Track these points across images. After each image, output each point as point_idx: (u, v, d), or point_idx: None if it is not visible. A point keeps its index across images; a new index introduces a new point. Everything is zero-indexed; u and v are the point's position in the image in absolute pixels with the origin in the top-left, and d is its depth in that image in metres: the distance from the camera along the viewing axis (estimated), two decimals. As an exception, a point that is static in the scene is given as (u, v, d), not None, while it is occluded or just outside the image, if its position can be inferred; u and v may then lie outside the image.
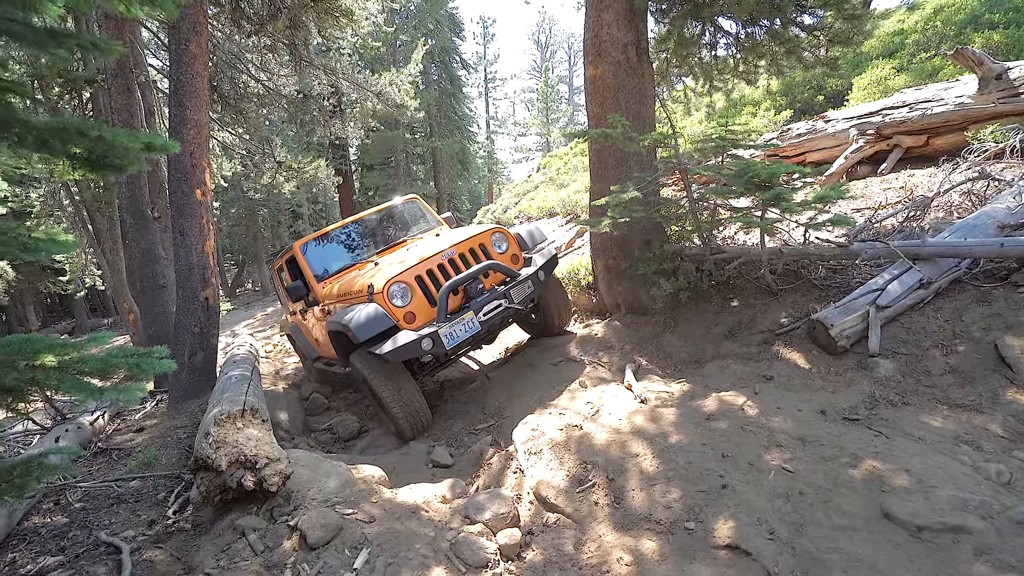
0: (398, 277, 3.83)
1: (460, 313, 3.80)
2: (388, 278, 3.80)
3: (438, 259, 4.03)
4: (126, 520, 2.98)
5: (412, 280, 3.89)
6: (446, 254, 4.07)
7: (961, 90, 5.98)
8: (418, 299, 3.88)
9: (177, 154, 4.87)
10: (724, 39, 5.70)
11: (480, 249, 4.27)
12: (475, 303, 3.90)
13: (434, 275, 3.98)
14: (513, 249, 4.47)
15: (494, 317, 3.93)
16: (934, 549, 2.00)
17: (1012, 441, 2.60)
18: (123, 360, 2.07)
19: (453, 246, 4.14)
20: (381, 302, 3.73)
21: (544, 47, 43.36)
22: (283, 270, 5.61)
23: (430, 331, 3.62)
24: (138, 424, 4.66)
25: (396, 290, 3.81)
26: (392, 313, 3.71)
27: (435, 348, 3.61)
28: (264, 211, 20.78)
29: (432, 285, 3.94)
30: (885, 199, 5.45)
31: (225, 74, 8.21)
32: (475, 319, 3.81)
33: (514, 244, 4.50)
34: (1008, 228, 3.63)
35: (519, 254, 4.51)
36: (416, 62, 11.82)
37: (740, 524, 2.32)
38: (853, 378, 3.31)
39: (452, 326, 3.69)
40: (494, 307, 3.92)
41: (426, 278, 3.95)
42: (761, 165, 3.70)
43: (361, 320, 3.61)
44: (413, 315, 3.81)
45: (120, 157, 1.83)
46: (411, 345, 3.55)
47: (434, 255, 4.04)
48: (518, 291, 4.03)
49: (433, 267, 3.99)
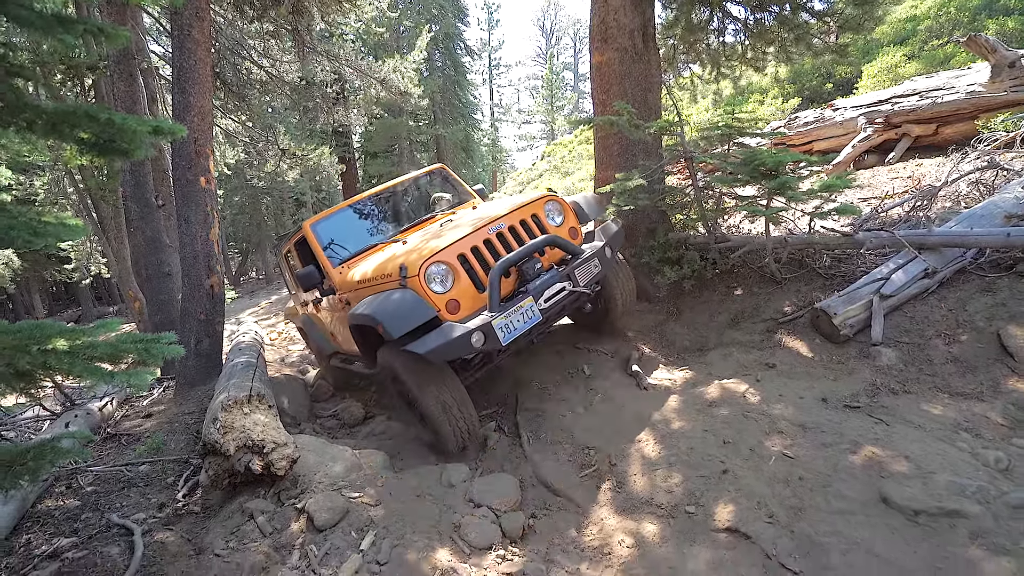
0: (437, 256, 3.11)
1: (515, 299, 3.11)
2: (425, 257, 3.08)
3: (483, 233, 3.28)
4: (137, 503, 3.04)
5: (454, 259, 3.16)
6: (493, 227, 3.33)
7: (973, 78, 5.90)
8: (462, 283, 3.16)
9: (181, 142, 4.87)
10: (732, 25, 5.64)
11: (533, 221, 3.51)
12: (533, 287, 3.17)
13: (480, 253, 3.24)
14: (570, 221, 3.70)
15: (556, 304, 3.21)
16: (930, 533, 2.03)
17: (1011, 429, 2.62)
18: (132, 346, 2.11)
19: (500, 217, 3.39)
20: (417, 287, 3.02)
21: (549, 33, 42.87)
22: (291, 255, 4.94)
23: (481, 323, 2.92)
24: (146, 410, 4.72)
25: (435, 272, 3.09)
26: (431, 301, 3.00)
27: (488, 344, 2.91)
28: (268, 199, 20.78)
29: (479, 265, 3.21)
30: (892, 188, 5.41)
31: (228, 61, 8.17)
32: (535, 306, 3.09)
33: (571, 215, 3.72)
34: (1015, 218, 3.60)
35: (577, 227, 3.74)
36: (420, 48, 11.72)
37: (740, 508, 2.36)
38: (855, 366, 3.32)
39: (508, 316, 2.98)
40: (556, 291, 3.20)
41: (471, 257, 3.20)
42: (767, 153, 3.69)
43: (393, 311, 2.93)
44: (457, 303, 3.10)
45: (128, 142, 1.85)
46: (458, 341, 2.82)
47: (478, 229, 3.29)
48: (583, 271, 3.31)
49: (478, 243, 3.24)
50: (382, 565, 2.31)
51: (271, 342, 8.70)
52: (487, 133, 27.28)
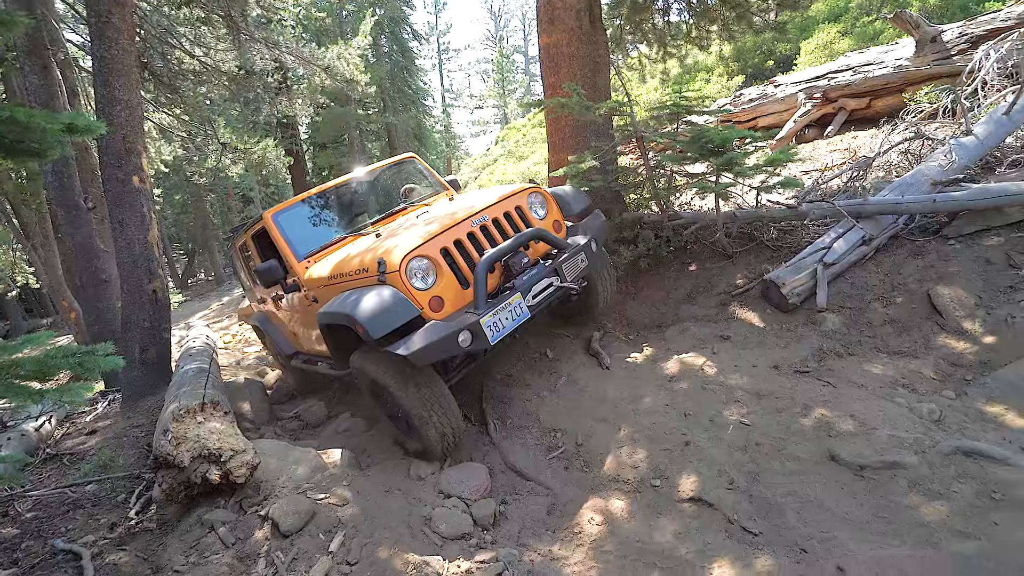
0: (419, 250, 2.94)
1: (501, 296, 2.97)
2: (406, 251, 2.90)
3: (467, 226, 3.14)
4: (84, 525, 2.86)
5: (437, 254, 2.99)
6: (476, 219, 3.18)
7: (900, 53, 6.21)
8: (446, 278, 2.99)
9: (109, 138, 4.53)
10: (677, 4, 5.72)
11: (516, 213, 3.39)
12: (521, 282, 3.05)
13: (463, 247, 3.09)
14: (554, 214, 3.61)
15: (543, 300, 3.10)
16: (875, 485, 2.17)
17: (942, 382, 2.82)
18: (64, 360, 1.96)
19: (484, 209, 3.25)
20: (397, 283, 2.84)
21: (497, 16, 42.24)
22: (247, 248, 4.62)
23: (469, 321, 2.76)
24: (90, 426, 4.45)
25: (417, 267, 2.92)
26: (413, 298, 2.83)
27: (476, 344, 2.75)
28: (212, 196, 19.76)
29: (463, 260, 3.07)
30: (831, 160, 5.66)
31: (156, 50, 7.62)
32: (523, 303, 2.97)
33: (554, 207, 3.63)
34: (940, 185, 3.84)
35: (561, 220, 3.65)
36: (365, 34, 11.31)
37: (702, 477, 2.44)
38: (803, 333, 3.48)
39: (496, 314, 2.83)
40: (544, 287, 3.09)
41: (454, 251, 3.05)
42: (714, 131, 3.77)
43: (374, 309, 2.72)
44: (440, 300, 2.94)
45: (38, 141, 1.69)
46: (445, 342, 2.66)
47: (460, 221, 3.14)
48: (570, 266, 3.21)
49: (461, 236, 3.09)
50: (352, 565, 2.27)
51: (225, 346, 8.35)
52: (439, 120, 26.76)
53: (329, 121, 17.13)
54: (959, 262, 3.40)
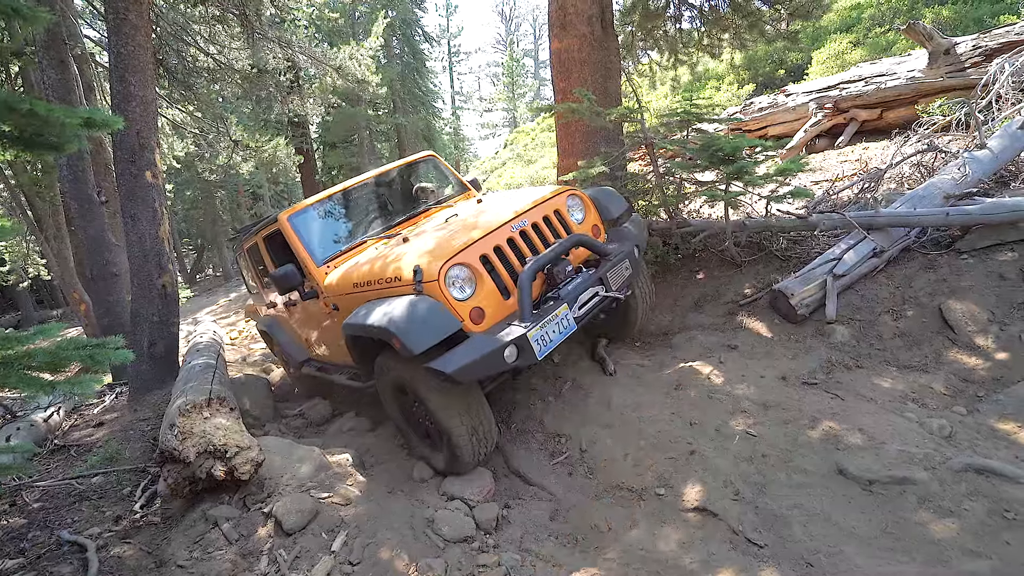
0: (458, 257, 2.72)
1: (546, 306, 2.75)
2: (445, 258, 2.69)
3: (506, 231, 2.91)
4: (90, 517, 2.88)
5: (476, 261, 2.76)
6: (515, 224, 2.95)
7: (912, 64, 6.18)
8: (486, 288, 2.75)
9: (123, 133, 4.58)
10: (689, 12, 5.72)
11: (556, 217, 3.16)
12: (566, 292, 2.81)
13: (503, 254, 2.86)
14: (592, 218, 3.36)
15: (589, 311, 2.88)
16: (883, 500, 2.15)
17: (953, 397, 2.79)
18: (75, 352, 1.98)
19: (523, 213, 3.02)
20: (436, 293, 2.61)
21: (508, 19, 42.40)
22: (258, 251, 4.41)
23: (515, 335, 2.52)
24: (97, 418, 4.48)
25: (457, 275, 2.70)
26: (453, 309, 2.61)
27: (522, 359, 2.54)
28: (222, 193, 19.92)
29: (503, 267, 2.84)
30: (842, 171, 5.63)
31: (171, 47, 7.71)
32: (569, 315, 2.73)
33: (593, 211, 3.39)
34: (953, 198, 3.81)
35: (600, 225, 3.40)
36: (377, 35, 11.39)
37: (707, 487, 2.43)
38: (812, 344, 3.46)
39: (543, 327, 2.61)
40: (589, 297, 2.86)
41: (494, 258, 2.82)
42: (725, 139, 3.76)
43: (412, 322, 2.50)
44: (481, 311, 2.71)
45: (57, 135, 1.71)
46: (490, 358, 2.46)
47: (500, 226, 2.91)
48: (615, 274, 2.98)
49: (501, 242, 2.86)
50: (355, 565, 2.27)
51: (231, 341, 8.39)
52: (448, 121, 26.86)
53: (340, 121, 17.24)
54: (972, 277, 3.37)
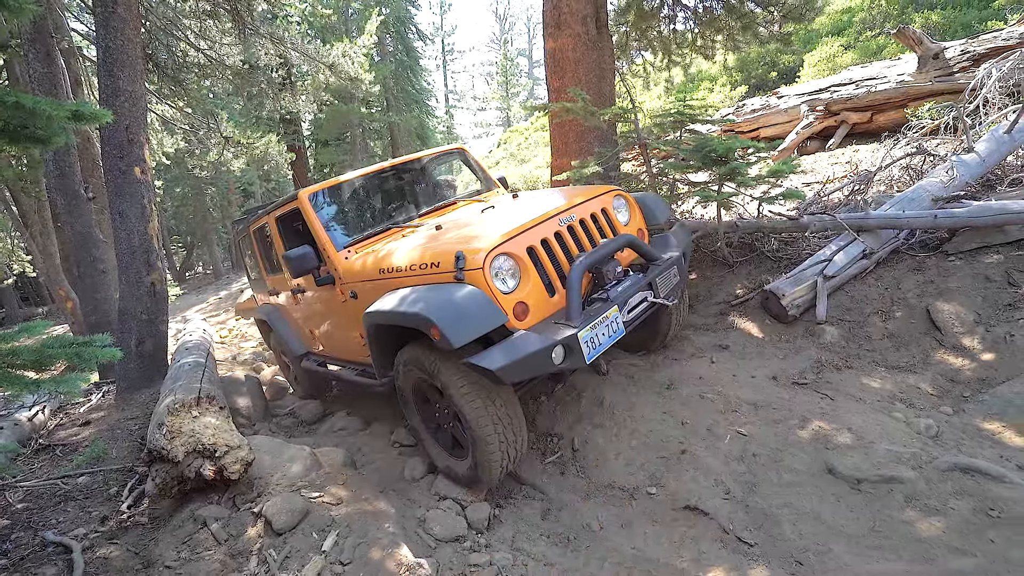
0: (504, 246, 2.51)
1: (594, 307, 2.56)
2: (491, 246, 2.48)
3: (554, 224, 2.71)
4: (75, 518, 2.84)
5: (523, 252, 2.56)
6: (564, 218, 2.77)
7: (902, 68, 6.25)
8: (531, 282, 2.55)
9: (111, 129, 4.52)
10: (683, 13, 5.74)
11: (603, 216, 3.00)
12: (616, 293, 2.63)
13: (550, 247, 2.67)
14: (637, 221, 3.23)
15: (638, 316, 2.72)
16: (871, 499, 2.17)
17: (940, 397, 2.83)
18: (61, 350, 1.95)
19: (570, 208, 2.85)
20: (479, 282, 2.41)
21: (503, 18, 42.39)
22: (267, 232, 4.16)
23: (565, 335, 2.34)
24: (83, 417, 4.42)
25: (502, 265, 2.49)
26: (497, 302, 2.40)
27: (569, 361, 2.35)
28: (212, 190, 19.72)
29: (550, 262, 2.65)
30: (832, 173, 5.69)
31: (161, 42, 7.62)
32: (619, 317, 2.57)
33: (638, 214, 3.26)
34: (941, 201, 3.86)
35: (645, 229, 3.27)
36: (370, 32, 11.33)
37: (698, 487, 2.44)
38: (802, 345, 3.49)
39: (594, 327, 2.43)
40: (638, 301, 2.71)
41: (540, 251, 2.62)
42: (717, 140, 3.78)
43: (456, 311, 2.31)
44: (525, 307, 2.51)
45: (43, 128, 1.68)
46: (537, 357, 2.26)
47: (548, 218, 2.73)
48: (664, 280, 2.84)
49: (548, 235, 2.67)
50: (345, 565, 2.26)
51: (221, 340, 8.32)
52: (442, 120, 26.80)
53: (332, 118, 17.14)
54: (959, 278, 3.41)
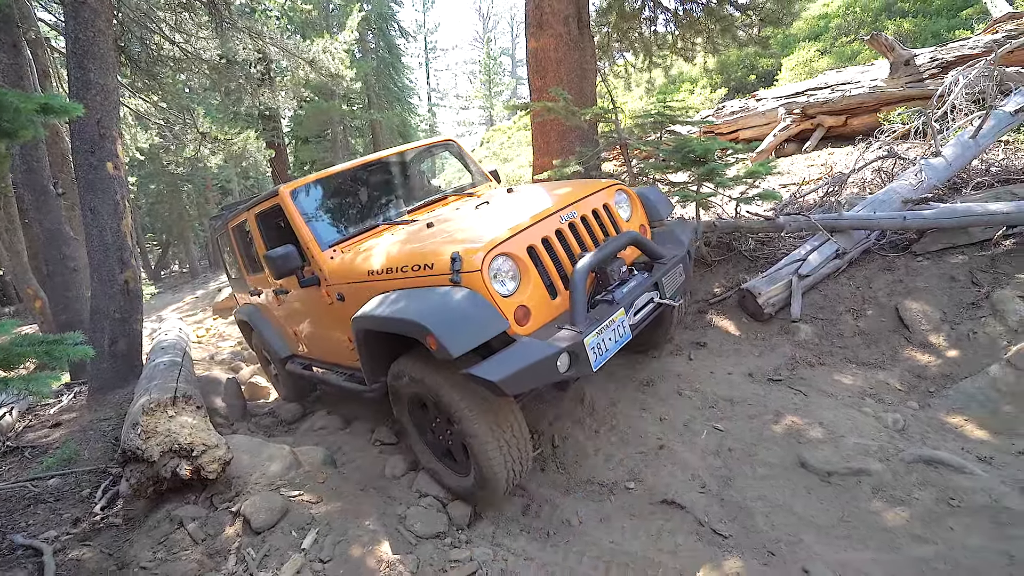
0: (504, 246, 2.36)
1: (598, 310, 2.41)
2: (490, 245, 2.32)
3: (554, 222, 2.56)
4: (46, 520, 2.77)
5: (523, 252, 2.40)
6: (564, 215, 2.61)
7: (875, 74, 6.42)
8: (533, 283, 2.39)
9: (82, 123, 4.40)
10: (663, 15, 5.81)
11: (605, 212, 2.85)
12: (621, 295, 2.48)
13: (551, 246, 2.51)
14: (639, 217, 3.07)
15: (644, 318, 2.58)
16: (840, 491, 2.24)
17: (907, 392, 2.93)
18: (30, 348, 1.90)
19: (571, 204, 2.70)
20: (477, 285, 2.24)
21: (486, 17, 42.28)
22: (246, 230, 3.95)
23: (570, 341, 2.17)
24: (54, 419, 4.30)
25: (502, 266, 2.33)
26: (497, 306, 2.23)
27: (575, 369, 2.19)
28: (189, 187, 19.30)
29: (551, 262, 2.49)
30: (808, 175, 5.82)
31: (134, 34, 7.42)
32: (626, 321, 2.41)
33: (640, 210, 3.10)
34: (911, 203, 3.99)
35: (647, 225, 3.12)
36: (351, 29, 11.19)
37: (676, 481, 2.49)
38: (777, 342, 3.57)
39: (600, 332, 2.26)
40: (644, 302, 2.57)
41: (541, 250, 2.46)
42: (697, 141, 3.84)
43: (453, 318, 2.14)
44: (526, 310, 2.34)
45: (10, 121, 1.63)
46: (542, 366, 2.08)
47: (549, 215, 2.58)
48: (670, 280, 2.70)
49: (549, 234, 2.51)
50: (325, 563, 2.25)
51: (199, 340, 8.16)
52: (424, 118, 26.66)
53: (312, 115, 16.91)
54: (926, 278, 3.54)
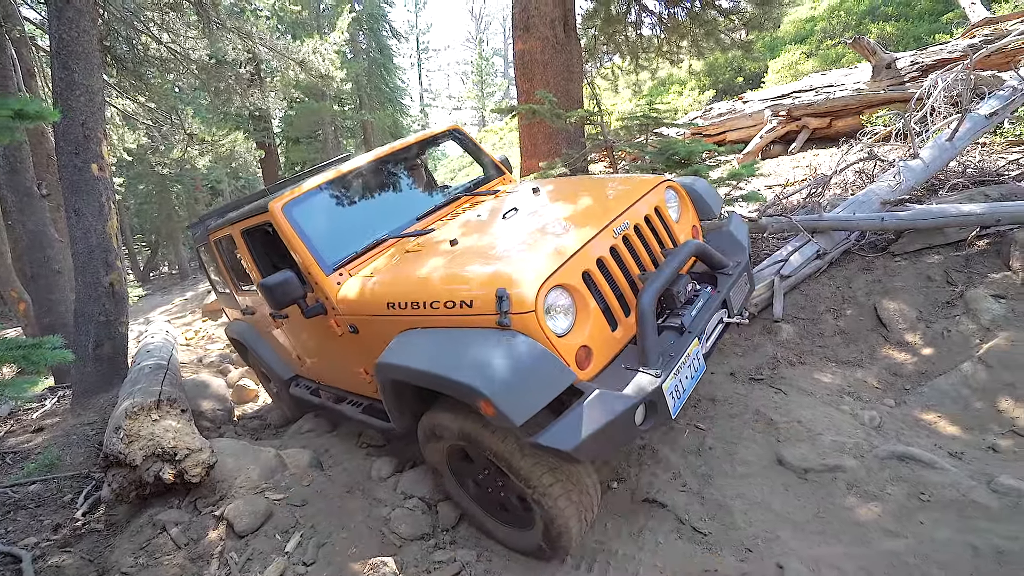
0: (559, 275, 1.95)
1: (670, 343, 2.06)
2: (542, 277, 1.90)
3: (607, 237, 2.17)
4: (26, 527, 2.75)
5: (579, 281, 2.01)
6: (617, 228, 2.23)
7: (858, 77, 6.53)
8: (592, 317, 1.99)
9: (66, 124, 4.37)
10: (649, 19, 5.86)
11: (657, 217, 2.48)
12: (690, 319, 2.13)
13: (606, 268, 2.13)
14: (690, 218, 2.71)
15: (714, 344, 2.27)
16: (817, 487, 2.29)
17: (884, 390, 2.98)
18: (8, 353, 1.90)
19: (622, 213, 2.30)
20: (532, 328, 1.83)
21: (478, 17, 42.30)
22: (231, 245, 3.45)
23: (648, 390, 1.81)
24: (36, 423, 4.26)
25: (557, 300, 1.94)
26: (557, 352, 1.84)
27: (654, 420, 1.85)
28: (178, 187, 19.13)
29: (608, 287, 2.10)
30: (793, 176, 5.91)
31: (120, 34, 7.37)
32: (700, 352, 2.09)
33: (690, 209, 2.73)
34: (889, 204, 4.05)
35: (698, 226, 2.75)
36: (342, 29, 11.16)
37: (657, 480, 2.52)
38: (759, 342, 3.62)
39: (678, 372, 1.93)
40: (715, 326, 2.25)
41: (597, 275, 2.07)
42: (681, 143, 3.89)
43: (512, 379, 1.72)
44: (588, 351, 1.96)
45: (-14, 126, 1.63)
46: (621, 423, 1.73)
47: (600, 230, 2.17)
48: (736, 293, 2.41)
49: (604, 252, 2.12)
50: (308, 566, 2.26)
51: (187, 342, 8.10)
52: (416, 119, 26.60)
53: (303, 116, 16.85)
54: (903, 278, 3.60)
